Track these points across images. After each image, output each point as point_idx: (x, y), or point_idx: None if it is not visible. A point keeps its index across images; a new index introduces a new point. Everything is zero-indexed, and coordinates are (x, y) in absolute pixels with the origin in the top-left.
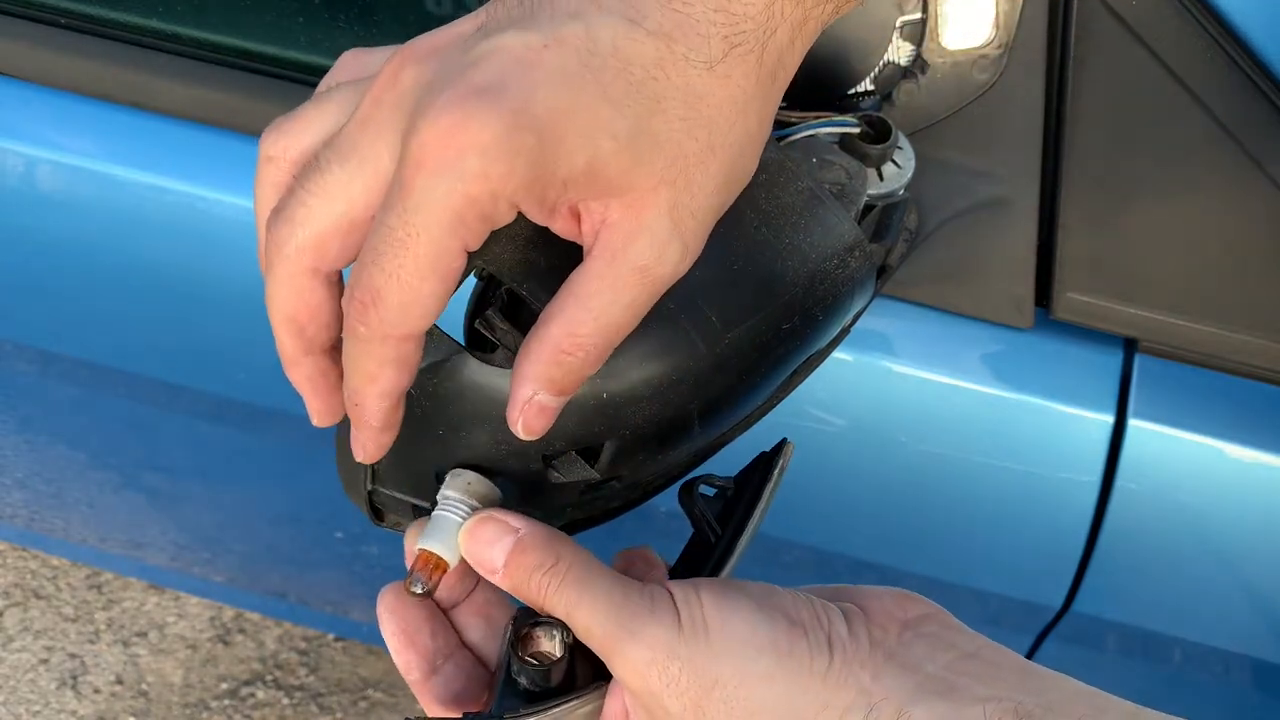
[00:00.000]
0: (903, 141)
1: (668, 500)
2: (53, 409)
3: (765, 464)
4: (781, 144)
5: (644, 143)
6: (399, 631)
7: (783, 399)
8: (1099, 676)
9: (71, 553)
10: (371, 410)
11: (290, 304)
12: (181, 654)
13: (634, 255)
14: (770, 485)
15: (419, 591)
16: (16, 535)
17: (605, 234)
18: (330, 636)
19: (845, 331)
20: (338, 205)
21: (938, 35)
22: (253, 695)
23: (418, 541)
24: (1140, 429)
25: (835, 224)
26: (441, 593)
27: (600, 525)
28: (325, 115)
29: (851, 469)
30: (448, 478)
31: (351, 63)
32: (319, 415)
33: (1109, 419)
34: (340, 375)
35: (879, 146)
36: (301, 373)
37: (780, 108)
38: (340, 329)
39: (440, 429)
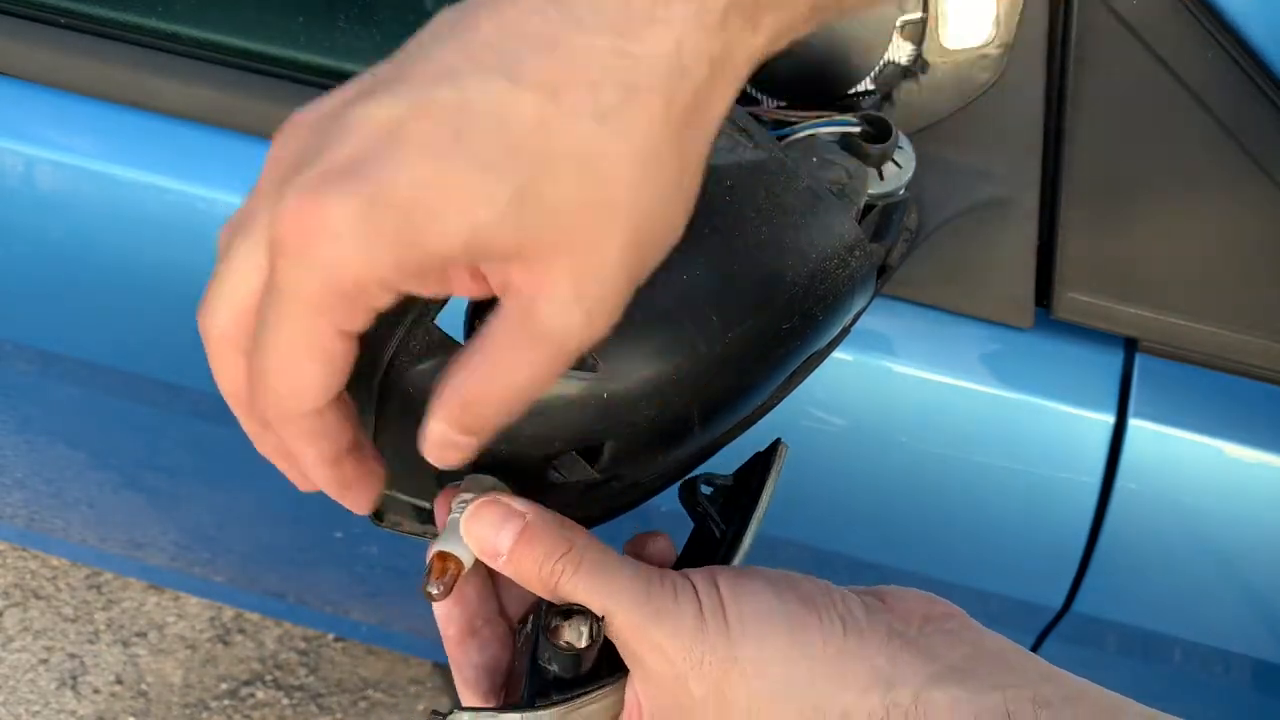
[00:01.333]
0: (903, 141)
1: (668, 500)
2: (53, 409)
3: (763, 463)
4: (782, 144)
5: (531, 208)
6: None
7: (783, 399)
8: (1099, 676)
9: (71, 553)
10: (322, 480)
11: (230, 386)
12: (181, 654)
13: (537, 323)
14: (769, 483)
15: (435, 593)
16: (16, 535)
17: (509, 298)
18: (330, 636)
19: (845, 331)
20: (252, 280)
21: (938, 35)
22: (252, 695)
23: (432, 547)
24: (1140, 429)
25: (836, 223)
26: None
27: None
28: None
29: (851, 469)
30: (464, 481)
31: (302, 125)
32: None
33: (1109, 419)
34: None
35: (879, 146)
36: (268, 445)
37: (780, 107)
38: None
39: None
